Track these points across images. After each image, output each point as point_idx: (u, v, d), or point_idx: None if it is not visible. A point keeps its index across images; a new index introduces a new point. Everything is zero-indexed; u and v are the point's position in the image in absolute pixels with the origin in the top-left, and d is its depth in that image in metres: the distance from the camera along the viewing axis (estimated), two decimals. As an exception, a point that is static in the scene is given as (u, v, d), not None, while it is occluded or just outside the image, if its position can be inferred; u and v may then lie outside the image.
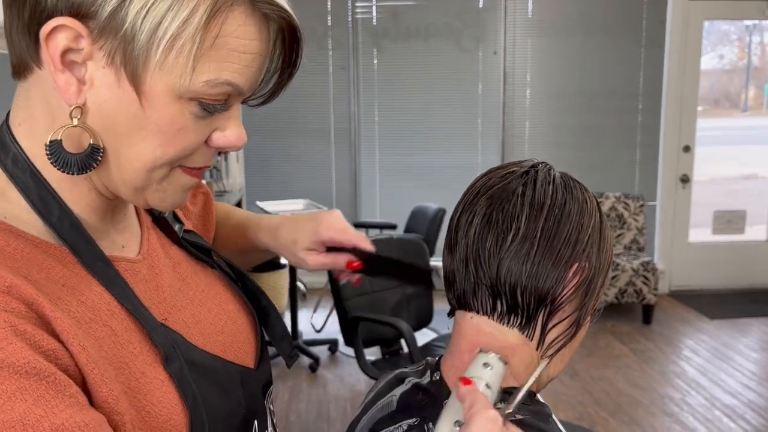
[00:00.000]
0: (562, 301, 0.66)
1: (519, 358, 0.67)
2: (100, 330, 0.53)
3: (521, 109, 4.69)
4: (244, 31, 0.52)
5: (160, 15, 0.49)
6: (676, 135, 4.70)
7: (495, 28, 4.59)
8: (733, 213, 4.91)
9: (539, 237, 0.65)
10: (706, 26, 4.63)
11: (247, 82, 0.55)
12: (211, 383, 0.60)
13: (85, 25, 0.49)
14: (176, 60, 0.50)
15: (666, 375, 3.43)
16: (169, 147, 0.54)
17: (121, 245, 0.62)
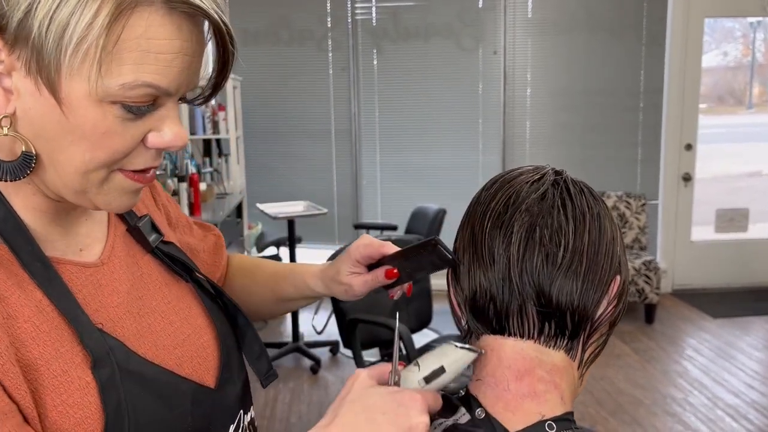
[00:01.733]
0: (605, 317, 0.63)
1: (566, 381, 0.63)
2: (18, 327, 0.53)
3: (522, 108, 4.68)
4: (159, 31, 0.51)
5: (64, 21, 0.49)
6: (677, 133, 4.68)
7: (495, 27, 4.58)
8: (736, 211, 4.89)
9: (587, 252, 0.61)
10: (710, 23, 4.61)
11: (172, 82, 0.53)
12: (152, 395, 0.59)
13: (0, 37, 0.50)
14: (85, 65, 0.50)
15: (668, 374, 3.42)
16: (97, 151, 0.53)
17: (78, 249, 0.63)
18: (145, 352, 0.61)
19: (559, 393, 0.62)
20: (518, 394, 0.61)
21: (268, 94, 4.68)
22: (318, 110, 4.68)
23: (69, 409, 0.54)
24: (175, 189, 3.24)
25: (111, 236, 0.67)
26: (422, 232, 3.78)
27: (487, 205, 0.64)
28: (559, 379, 0.62)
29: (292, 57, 4.63)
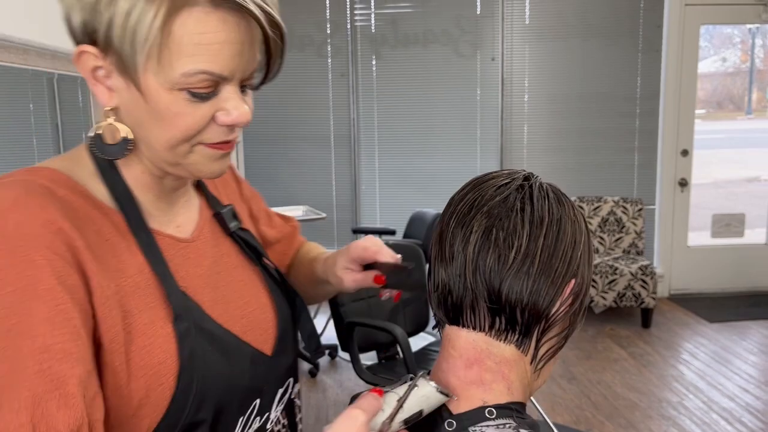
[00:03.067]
0: (558, 316, 0.66)
1: (516, 373, 0.67)
2: (124, 281, 0.66)
3: (519, 114, 4.72)
4: (205, 25, 0.61)
5: (132, 28, 0.60)
6: (674, 139, 4.72)
7: (492, 34, 4.62)
8: (732, 216, 4.92)
9: (539, 255, 0.65)
10: (708, 29, 4.65)
11: (224, 68, 0.63)
12: (218, 351, 0.70)
13: (97, 47, 0.63)
14: (152, 61, 0.61)
15: (664, 378, 3.45)
16: (174, 130, 0.64)
17: (176, 225, 0.76)
18: (217, 316, 0.73)
19: (506, 384, 0.67)
20: (466, 380, 0.67)
21: (267, 100, 4.72)
22: (317, 116, 4.72)
23: (153, 351, 0.66)
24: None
25: (201, 219, 0.79)
26: (420, 236, 3.81)
27: (455, 206, 0.69)
28: (508, 370, 0.67)
29: (291, 63, 4.67)
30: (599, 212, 4.54)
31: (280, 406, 0.80)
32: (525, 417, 0.67)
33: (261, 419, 0.76)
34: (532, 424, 0.67)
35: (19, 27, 2.11)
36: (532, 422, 0.67)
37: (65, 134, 2.58)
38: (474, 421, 0.65)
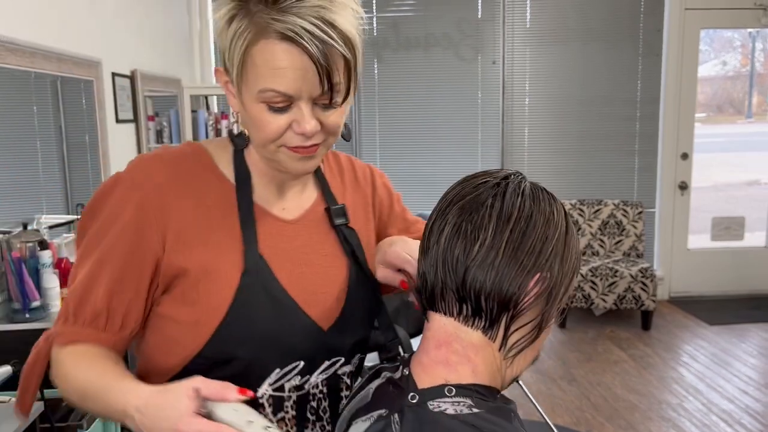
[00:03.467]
0: (523, 307, 0.70)
1: (481, 357, 0.72)
2: (214, 235, 0.84)
3: (520, 117, 4.74)
4: (275, 54, 0.75)
5: (231, 53, 0.78)
6: (674, 142, 4.74)
7: (493, 38, 4.65)
8: (732, 219, 4.94)
9: (504, 248, 0.69)
10: (709, 33, 4.68)
11: (290, 88, 0.76)
12: (273, 309, 0.84)
13: (224, 68, 0.81)
14: (243, 78, 0.78)
15: (664, 380, 3.46)
16: (260, 132, 0.80)
17: (281, 208, 0.90)
18: (286, 284, 0.86)
19: (471, 366, 0.72)
20: (434, 360, 0.73)
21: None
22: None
23: (214, 293, 0.82)
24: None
25: (311, 209, 0.93)
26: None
27: (440, 201, 0.76)
28: (474, 354, 0.72)
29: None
30: (600, 215, 4.56)
31: (323, 375, 0.90)
32: (489, 399, 0.71)
33: (301, 379, 0.88)
34: (499, 407, 0.71)
35: (25, 30, 2.13)
36: (500, 406, 0.71)
37: (68, 136, 2.60)
38: (433, 396, 0.71)
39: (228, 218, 0.85)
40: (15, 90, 2.19)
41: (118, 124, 2.97)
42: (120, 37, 3.08)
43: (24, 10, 2.15)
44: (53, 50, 2.28)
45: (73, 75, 2.50)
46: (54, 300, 1.92)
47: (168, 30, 4.00)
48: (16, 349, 1.83)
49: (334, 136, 0.84)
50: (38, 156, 2.46)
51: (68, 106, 2.59)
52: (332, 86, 0.77)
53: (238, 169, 0.88)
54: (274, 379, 0.86)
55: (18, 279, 1.81)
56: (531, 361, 0.78)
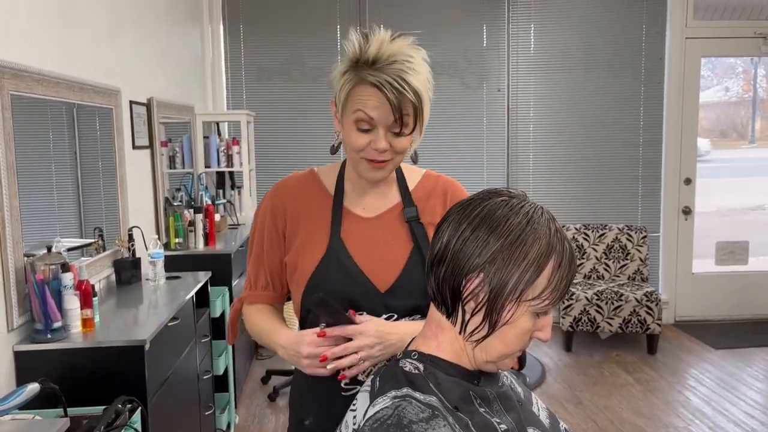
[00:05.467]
0: (466, 301, 0.87)
1: (445, 337, 0.92)
2: (311, 225, 1.24)
3: (525, 143, 4.82)
4: (365, 93, 1.11)
5: (339, 93, 1.15)
6: (677, 168, 4.81)
7: (498, 66, 4.75)
8: (736, 244, 4.98)
9: (451, 250, 0.87)
10: (711, 60, 4.77)
11: (372, 112, 1.10)
12: (345, 275, 1.18)
13: (334, 102, 1.20)
14: (344, 110, 1.15)
15: (670, 404, 3.48)
16: (351, 145, 1.15)
17: (362, 207, 1.25)
18: (358, 259, 1.20)
19: (436, 342, 0.93)
20: (421, 333, 0.96)
21: (280, 129, 4.85)
22: (328, 144, 4.81)
23: (305, 263, 1.21)
24: (191, 220, 3.37)
25: (389, 210, 1.25)
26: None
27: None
28: (440, 333, 0.93)
29: (304, 93, 4.81)
30: (604, 239, 4.61)
31: None
32: (441, 366, 0.90)
33: None
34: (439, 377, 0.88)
35: (50, 60, 2.22)
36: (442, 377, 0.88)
37: (83, 162, 2.67)
38: (405, 357, 0.93)
39: (324, 216, 1.23)
40: (32, 116, 2.25)
41: (134, 150, 3.06)
42: (138, 65, 3.18)
43: (49, 41, 2.24)
44: (76, 80, 2.37)
45: (94, 104, 2.59)
46: (74, 321, 1.97)
47: (182, 59, 4.11)
48: (37, 368, 1.89)
49: (401, 156, 1.18)
50: (53, 181, 2.53)
51: (84, 132, 2.66)
52: (401, 119, 1.11)
53: (338, 184, 1.26)
54: None
55: (41, 300, 1.87)
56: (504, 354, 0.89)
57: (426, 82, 1.14)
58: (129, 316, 2.31)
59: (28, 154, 2.28)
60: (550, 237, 0.86)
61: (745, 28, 4.70)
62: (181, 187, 3.83)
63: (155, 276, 2.67)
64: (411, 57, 1.12)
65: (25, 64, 2.00)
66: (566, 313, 4.27)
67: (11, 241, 1.88)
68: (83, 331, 1.99)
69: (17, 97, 1.97)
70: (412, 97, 1.10)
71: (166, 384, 2.17)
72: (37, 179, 2.36)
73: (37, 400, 1.56)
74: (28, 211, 2.09)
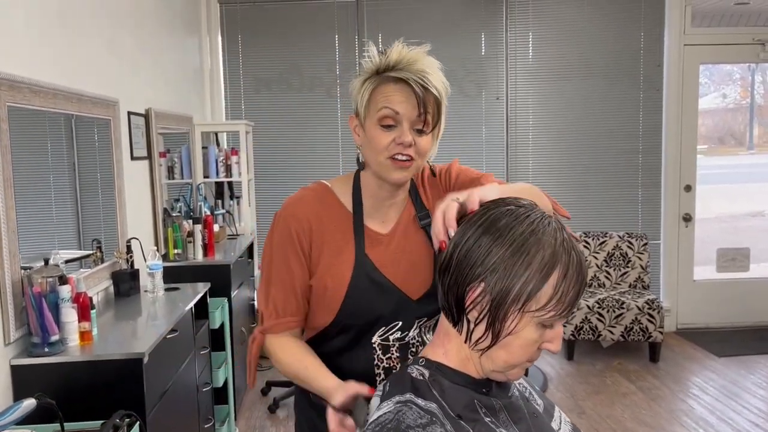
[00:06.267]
0: (469, 309, 0.87)
1: (452, 345, 0.93)
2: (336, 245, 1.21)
3: (524, 151, 4.82)
4: (389, 89, 1.14)
5: (363, 101, 1.16)
6: (676, 175, 4.80)
7: (497, 74, 4.75)
8: (737, 251, 4.96)
9: (455, 260, 0.88)
10: (709, 67, 4.77)
11: (397, 106, 1.12)
12: (377, 290, 1.19)
13: (355, 115, 1.21)
14: (367, 112, 1.16)
15: (674, 413, 3.45)
16: (376, 146, 1.15)
17: (381, 222, 1.24)
18: (386, 272, 1.20)
19: (443, 350, 0.94)
20: (431, 340, 0.98)
21: (279, 139, 4.84)
22: (327, 154, 4.83)
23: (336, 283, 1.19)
24: (190, 230, 3.35)
25: (401, 219, 1.25)
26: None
27: None
28: (447, 341, 0.94)
29: (302, 103, 4.80)
30: (605, 247, 4.59)
31: (416, 330, 1.22)
32: (446, 373, 0.91)
33: (401, 333, 1.21)
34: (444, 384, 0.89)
35: (48, 71, 2.21)
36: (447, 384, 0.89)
37: (81, 173, 2.65)
38: (414, 362, 0.95)
39: (346, 235, 1.22)
40: (30, 127, 2.24)
41: (132, 161, 3.05)
42: (136, 76, 3.17)
43: (47, 53, 2.23)
44: (74, 91, 2.36)
45: (92, 115, 2.57)
46: (72, 334, 1.95)
47: (181, 69, 4.11)
48: (34, 382, 1.86)
49: (422, 158, 1.17)
50: (51, 192, 2.51)
51: (82, 143, 2.65)
52: (425, 113, 1.13)
53: (354, 199, 1.24)
54: (381, 334, 1.21)
55: (38, 313, 1.85)
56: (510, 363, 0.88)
57: (444, 87, 1.16)
58: (127, 328, 2.29)
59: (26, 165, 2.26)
60: (556, 246, 0.84)
61: (744, 34, 4.71)
62: (180, 198, 3.82)
63: (154, 288, 2.65)
64: (431, 63, 1.16)
65: (23, 76, 1.99)
66: (567, 322, 4.25)
67: (8, 253, 1.86)
68: (81, 344, 1.97)
69: (14, 108, 1.96)
70: (436, 92, 1.13)
71: (165, 397, 2.15)
72: (36, 190, 2.34)
73: (34, 415, 1.53)
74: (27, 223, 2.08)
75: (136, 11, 3.23)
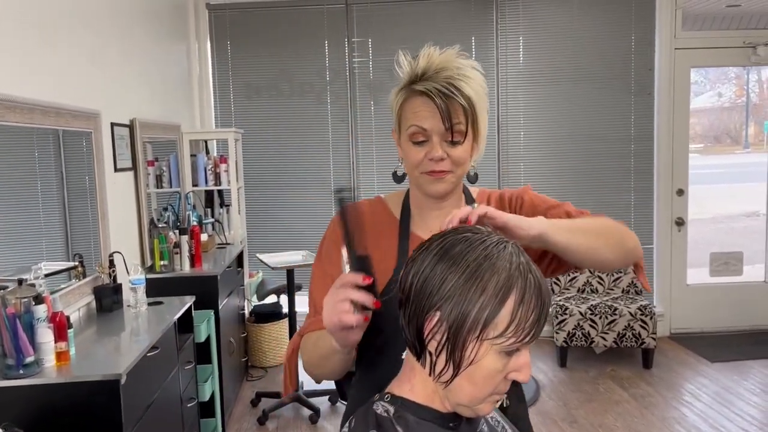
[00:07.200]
0: (428, 341, 0.84)
1: (418, 379, 0.90)
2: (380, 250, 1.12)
3: (516, 156, 4.79)
4: (417, 104, 1.11)
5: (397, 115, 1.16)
6: (669, 179, 4.77)
7: (488, 78, 4.71)
8: (730, 255, 4.94)
9: (412, 292, 0.85)
10: (704, 66, 4.75)
11: (424, 122, 1.09)
12: None
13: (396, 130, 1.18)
14: (399, 127, 1.15)
15: (666, 421, 3.43)
16: (410, 161, 1.14)
17: (429, 230, 1.14)
18: None
19: (410, 385, 0.91)
20: (398, 376, 0.95)
21: (268, 146, 4.81)
22: (318, 160, 4.80)
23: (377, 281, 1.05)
24: (177, 241, 3.32)
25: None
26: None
27: None
28: (413, 376, 0.91)
29: (292, 109, 4.77)
30: (597, 252, 4.56)
31: None
32: (412, 409, 0.89)
33: None
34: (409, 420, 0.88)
35: (25, 85, 2.18)
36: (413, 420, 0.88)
37: (69, 182, 2.63)
38: (380, 398, 0.93)
39: (391, 240, 1.19)
40: (17, 136, 2.22)
41: (117, 172, 3.01)
42: (120, 87, 3.14)
43: (24, 67, 2.20)
44: (51, 105, 2.33)
45: (71, 128, 2.54)
46: (48, 354, 1.92)
47: (167, 77, 4.07)
48: (9, 405, 1.83)
49: (460, 168, 1.14)
50: (39, 202, 2.49)
51: (69, 152, 2.62)
52: (452, 126, 1.08)
53: (403, 209, 1.22)
54: None
55: (12, 335, 1.82)
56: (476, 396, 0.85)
57: (480, 89, 1.12)
58: (109, 345, 2.25)
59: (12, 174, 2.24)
60: (511, 270, 0.81)
61: (735, 38, 4.68)
62: (168, 207, 3.78)
63: (136, 303, 2.62)
64: (461, 65, 1.11)
65: (-4, 92, 1.95)
66: (560, 328, 4.22)
67: (-19, 274, 1.83)
68: (57, 364, 1.94)
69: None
70: (463, 101, 1.08)
71: (146, 416, 2.12)
72: (23, 200, 2.32)
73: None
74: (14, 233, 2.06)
75: (121, 21, 3.20)
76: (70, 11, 2.59)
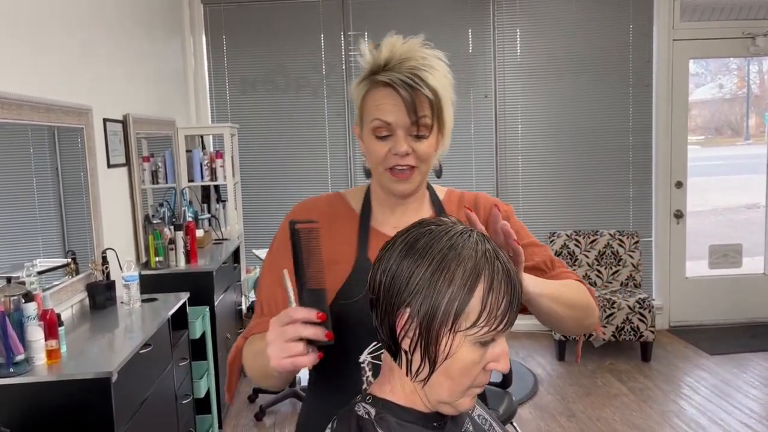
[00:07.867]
0: (402, 339, 0.82)
1: (397, 380, 0.89)
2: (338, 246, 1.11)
3: (514, 149, 4.76)
4: (379, 96, 1.04)
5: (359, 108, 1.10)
6: (667, 171, 4.75)
7: (485, 72, 4.69)
8: (729, 247, 4.92)
9: (381, 291, 0.83)
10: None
11: (388, 116, 1.03)
12: None
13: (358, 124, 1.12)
14: (362, 120, 1.09)
15: (665, 414, 3.41)
16: (372, 157, 1.08)
17: (392, 227, 1.10)
18: None
19: (390, 386, 0.89)
20: (378, 379, 0.93)
21: (265, 141, 4.79)
22: (314, 155, 4.77)
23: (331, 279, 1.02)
24: (172, 237, 3.30)
25: None
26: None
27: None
28: (392, 377, 0.89)
29: (288, 103, 4.75)
30: (595, 245, 4.55)
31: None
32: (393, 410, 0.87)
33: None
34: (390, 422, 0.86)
35: (15, 81, 2.16)
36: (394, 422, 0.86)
37: (64, 178, 2.62)
38: (361, 400, 0.91)
39: (349, 236, 1.14)
40: (11, 132, 2.21)
41: (110, 168, 3.00)
42: (112, 82, 3.12)
43: (14, 62, 2.18)
44: (42, 101, 2.31)
45: (62, 124, 2.52)
46: (38, 353, 1.91)
47: (162, 72, 4.05)
48: (0, 404, 1.82)
49: (425, 163, 1.08)
50: (35, 198, 2.48)
51: (65, 148, 2.61)
52: (418, 120, 1.03)
53: (364, 204, 1.17)
54: (371, 350, 1.07)
55: (1, 333, 1.81)
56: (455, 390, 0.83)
57: (444, 80, 1.06)
58: (101, 343, 2.24)
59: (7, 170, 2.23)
60: (477, 258, 0.80)
61: (734, 28, 4.65)
62: (164, 203, 3.77)
63: (130, 299, 2.60)
64: (425, 55, 1.06)
65: (-17, 89, 1.94)
66: (558, 322, 4.20)
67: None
68: (48, 363, 1.93)
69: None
70: (429, 93, 1.02)
71: (139, 414, 2.11)
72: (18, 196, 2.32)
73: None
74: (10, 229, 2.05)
75: (113, 15, 3.17)
76: (60, 5, 2.56)
